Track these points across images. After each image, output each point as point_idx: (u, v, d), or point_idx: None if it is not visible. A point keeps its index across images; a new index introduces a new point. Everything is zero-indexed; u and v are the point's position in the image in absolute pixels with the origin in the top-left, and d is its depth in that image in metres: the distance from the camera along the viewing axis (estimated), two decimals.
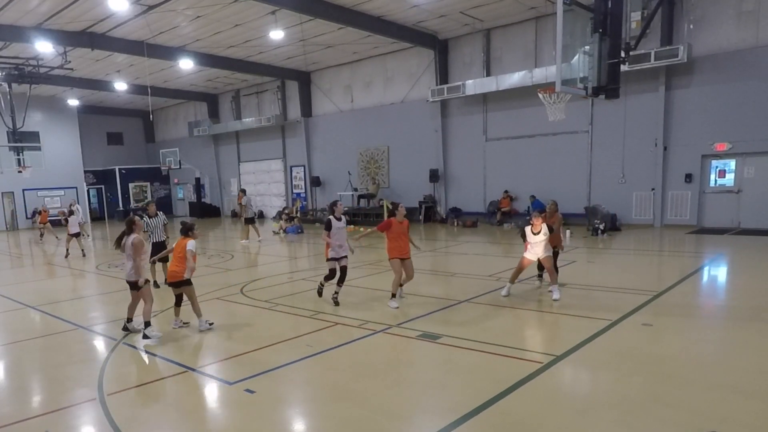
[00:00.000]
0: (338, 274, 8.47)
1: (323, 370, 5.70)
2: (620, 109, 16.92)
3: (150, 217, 10.23)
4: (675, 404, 4.47)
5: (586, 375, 5.37)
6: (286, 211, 23.91)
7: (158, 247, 10.06)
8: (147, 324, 6.92)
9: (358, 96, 24.82)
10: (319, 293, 8.84)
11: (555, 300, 8.09)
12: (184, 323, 7.54)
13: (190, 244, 7.22)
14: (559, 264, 11.35)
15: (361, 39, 20.59)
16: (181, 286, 7.28)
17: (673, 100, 16.61)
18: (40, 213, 22.68)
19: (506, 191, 20.22)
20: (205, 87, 29.82)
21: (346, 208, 23.71)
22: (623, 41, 8.84)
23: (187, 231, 7.40)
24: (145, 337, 6.84)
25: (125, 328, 7.32)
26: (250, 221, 17.86)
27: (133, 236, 7.08)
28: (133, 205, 34.10)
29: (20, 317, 8.77)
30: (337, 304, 8.33)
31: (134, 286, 7.05)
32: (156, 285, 10.15)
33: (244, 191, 19.15)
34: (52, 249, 18.54)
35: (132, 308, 7.35)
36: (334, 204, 8.65)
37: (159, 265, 10.27)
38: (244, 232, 18.03)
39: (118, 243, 7.23)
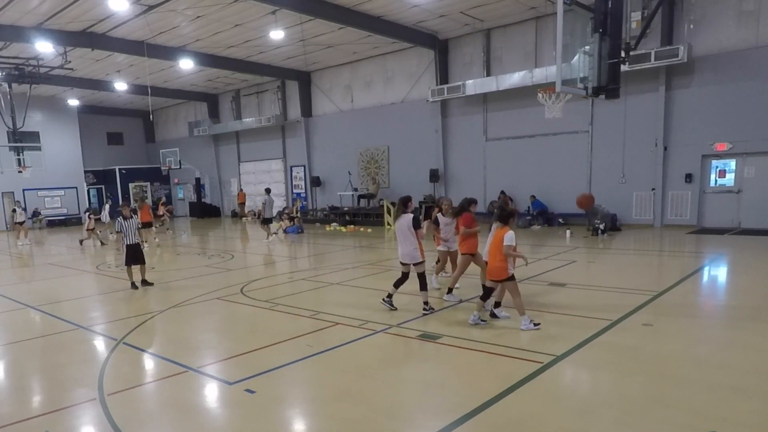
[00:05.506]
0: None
1: (323, 370, 5.69)
2: (620, 109, 16.91)
3: (125, 219, 10.33)
4: (675, 404, 4.47)
5: (586, 375, 5.37)
6: (287, 211, 23.91)
7: (133, 249, 10.29)
8: (498, 304, 7.21)
9: (358, 96, 24.81)
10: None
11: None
12: (482, 320, 6.96)
13: (509, 236, 6.41)
14: (559, 263, 11.48)
15: (361, 39, 20.59)
16: (503, 281, 6.67)
17: (673, 100, 16.60)
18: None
19: (502, 191, 20.03)
20: (205, 87, 29.82)
21: (346, 208, 24.11)
22: (623, 41, 8.85)
23: (507, 218, 6.61)
24: (494, 316, 7.15)
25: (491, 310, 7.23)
26: (268, 221, 18.34)
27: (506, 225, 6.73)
28: (133, 204, 34.07)
29: (20, 317, 8.76)
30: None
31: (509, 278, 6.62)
32: (134, 286, 10.28)
33: (268, 191, 19.48)
34: (56, 250, 18.54)
35: (501, 294, 7.11)
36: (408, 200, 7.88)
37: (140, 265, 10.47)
38: (264, 231, 18.51)
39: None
